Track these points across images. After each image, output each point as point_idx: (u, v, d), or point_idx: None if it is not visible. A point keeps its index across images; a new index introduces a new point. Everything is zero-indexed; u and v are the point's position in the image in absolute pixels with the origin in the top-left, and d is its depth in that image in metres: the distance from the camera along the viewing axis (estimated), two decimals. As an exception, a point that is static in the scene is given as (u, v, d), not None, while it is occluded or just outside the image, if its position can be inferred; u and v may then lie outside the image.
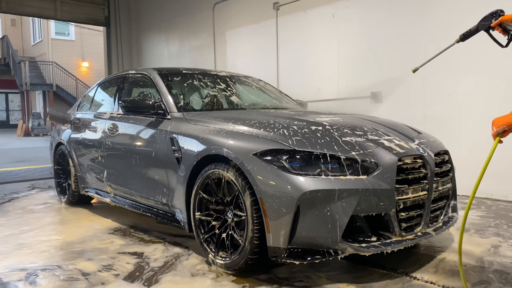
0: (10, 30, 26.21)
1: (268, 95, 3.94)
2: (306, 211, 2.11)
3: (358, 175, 2.19)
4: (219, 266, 2.47)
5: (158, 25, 9.53)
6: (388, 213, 2.21)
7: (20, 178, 6.49)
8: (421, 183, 2.36)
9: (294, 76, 6.34)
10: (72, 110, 4.75)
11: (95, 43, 22.23)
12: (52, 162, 4.82)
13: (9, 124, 27.85)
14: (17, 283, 2.39)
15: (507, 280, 2.29)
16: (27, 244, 3.13)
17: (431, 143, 2.67)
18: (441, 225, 2.56)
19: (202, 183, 2.57)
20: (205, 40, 8.16)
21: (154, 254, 2.84)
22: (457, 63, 4.54)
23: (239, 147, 2.35)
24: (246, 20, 7.17)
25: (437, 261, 2.59)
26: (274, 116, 2.79)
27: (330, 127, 2.48)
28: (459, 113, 4.57)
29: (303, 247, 2.17)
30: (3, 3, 8.79)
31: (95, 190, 4.02)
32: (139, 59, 10.24)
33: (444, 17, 4.65)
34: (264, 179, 2.19)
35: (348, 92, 5.62)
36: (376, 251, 2.15)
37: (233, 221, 2.42)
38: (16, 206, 4.49)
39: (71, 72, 23.29)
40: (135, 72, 3.82)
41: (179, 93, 3.35)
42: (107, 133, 3.66)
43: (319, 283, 2.30)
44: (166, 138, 2.92)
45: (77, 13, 9.89)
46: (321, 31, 5.93)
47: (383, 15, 5.19)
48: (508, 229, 3.25)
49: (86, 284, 2.35)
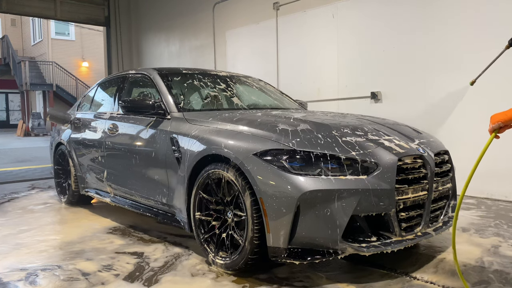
0: (10, 30, 26.21)
1: (268, 95, 3.94)
2: (306, 211, 2.11)
3: (358, 175, 2.18)
4: (219, 266, 2.47)
5: (158, 25, 9.53)
6: (388, 213, 2.21)
7: (20, 178, 6.49)
8: (421, 183, 2.36)
9: (294, 76, 6.34)
10: (72, 110, 4.74)
11: (95, 43, 22.24)
12: (52, 162, 4.82)
13: (9, 124, 27.85)
14: (17, 283, 2.39)
15: (507, 280, 2.29)
16: (26, 244, 3.13)
17: (431, 143, 2.67)
18: (441, 225, 2.56)
19: (202, 183, 2.56)
20: (205, 40, 8.16)
21: (154, 254, 2.84)
22: (457, 63, 4.54)
23: (239, 147, 2.35)
24: (246, 20, 7.17)
25: (437, 261, 2.59)
26: (274, 116, 2.79)
27: (330, 127, 2.48)
28: (459, 113, 4.57)
29: (303, 247, 2.17)
30: (3, 3, 8.79)
31: (95, 190, 4.02)
32: (139, 59, 10.24)
33: (445, 17, 4.65)
34: (264, 179, 2.18)
35: (348, 92, 5.62)
36: (376, 251, 2.14)
37: (233, 221, 2.42)
38: (15, 206, 4.49)
39: (71, 72, 23.28)
40: (135, 72, 3.82)
41: (179, 93, 3.35)
42: (107, 133, 3.66)
43: (319, 283, 2.30)
44: (166, 138, 2.92)
45: (77, 13, 9.89)
46: (321, 31, 5.93)
47: (383, 15, 5.19)
48: (508, 229, 3.25)
49: (86, 284, 2.35)
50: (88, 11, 10.04)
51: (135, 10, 10.23)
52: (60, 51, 23.54)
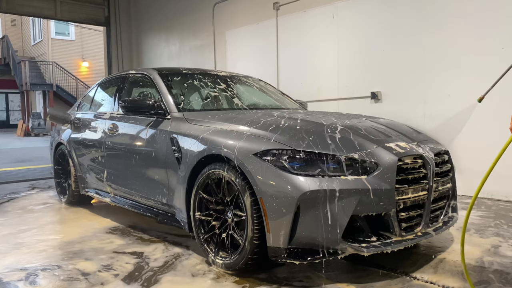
0: (10, 30, 26.21)
1: (268, 95, 3.94)
2: (306, 211, 2.11)
3: (358, 175, 2.18)
4: (219, 266, 2.47)
5: (158, 25, 9.53)
6: (388, 213, 2.20)
7: (20, 178, 6.48)
8: (421, 183, 2.36)
9: (294, 76, 6.34)
10: (72, 110, 4.74)
11: (95, 43, 22.22)
12: (52, 162, 4.82)
13: (9, 124, 27.84)
14: (17, 283, 2.38)
15: (507, 280, 2.29)
16: (26, 243, 3.13)
17: (431, 143, 2.67)
18: (441, 225, 2.56)
19: (202, 183, 2.56)
20: (205, 40, 8.16)
21: (154, 254, 2.84)
22: (457, 63, 4.54)
23: (239, 147, 2.35)
24: (246, 20, 7.17)
25: (437, 261, 2.59)
26: (274, 116, 2.79)
27: (330, 127, 2.48)
28: (459, 113, 4.57)
29: (303, 247, 2.17)
30: (3, 3, 8.79)
31: (95, 190, 4.02)
32: (139, 59, 10.24)
33: (445, 17, 4.65)
34: (264, 179, 2.18)
35: (348, 92, 5.62)
36: (376, 251, 2.14)
37: (233, 221, 2.42)
38: (15, 206, 4.49)
39: (71, 72, 23.28)
40: (135, 72, 3.82)
41: (179, 93, 3.35)
42: (107, 133, 3.66)
43: (319, 283, 2.30)
44: (166, 138, 2.92)
45: (77, 13, 9.90)
46: (321, 31, 5.93)
47: (383, 15, 5.19)
48: (508, 229, 3.25)
49: (86, 284, 2.35)
50: (88, 11, 10.04)
51: (135, 10, 10.23)
52: (60, 51, 23.53)
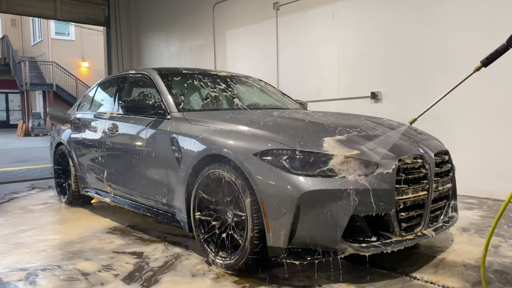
0: (10, 30, 26.21)
1: (268, 95, 3.94)
2: (306, 211, 2.11)
3: (358, 175, 2.18)
4: (219, 266, 2.47)
5: (158, 25, 9.53)
6: (388, 213, 2.20)
7: (20, 178, 6.48)
8: (421, 183, 2.36)
9: (294, 76, 6.34)
10: (72, 110, 4.74)
11: (95, 43, 22.21)
12: (52, 162, 4.82)
13: (9, 124, 27.85)
14: (17, 283, 2.38)
15: (507, 280, 2.29)
16: (26, 243, 3.13)
17: (431, 143, 2.67)
18: (441, 225, 2.56)
19: (202, 183, 2.56)
20: (205, 40, 8.16)
21: (154, 254, 2.83)
22: (457, 63, 4.54)
23: (239, 147, 2.35)
24: (246, 20, 7.17)
25: (437, 261, 2.59)
26: (274, 116, 2.79)
27: (330, 127, 2.48)
28: (459, 113, 4.57)
29: (303, 247, 2.17)
30: (3, 3, 8.79)
31: (95, 190, 4.02)
32: (139, 59, 10.24)
33: (445, 17, 4.65)
34: (264, 179, 2.18)
35: (348, 92, 5.62)
36: (376, 251, 2.14)
37: (233, 221, 2.42)
38: (15, 206, 4.49)
39: (71, 72, 23.28)
40: (135, 72, 3.82)
41: (179, 93, 3.35)
42: (107, 133, 3.66)
43: (319, 283, 2.30)
44: (166, 138, 2.92)
45: (77, 13, 9.89)
46: (321, 31, 5.93)
47: (383, 15, 5.19)
48: (508, 229, 3.25)
49: (86, 284, 2.35)
50: (88, 11, 10.04)
51: (135, 10, 10.23)
52: (60, 51, 23.53)
